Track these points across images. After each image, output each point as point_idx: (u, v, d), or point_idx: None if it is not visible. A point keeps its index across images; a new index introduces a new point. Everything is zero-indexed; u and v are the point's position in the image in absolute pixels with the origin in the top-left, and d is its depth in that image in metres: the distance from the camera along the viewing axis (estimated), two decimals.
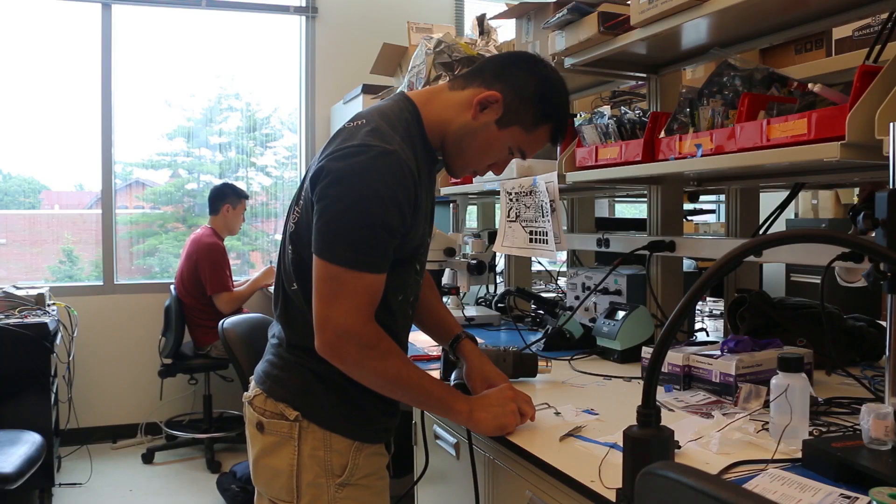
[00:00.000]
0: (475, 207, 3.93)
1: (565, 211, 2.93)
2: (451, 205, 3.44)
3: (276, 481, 1.34)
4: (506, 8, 2.43)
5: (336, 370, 1.28)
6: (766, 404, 1.31)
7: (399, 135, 1.28)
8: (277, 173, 5.20)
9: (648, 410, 0.93)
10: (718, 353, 1.59)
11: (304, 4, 4.90)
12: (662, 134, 1.67)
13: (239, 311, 4.18)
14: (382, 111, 1.33)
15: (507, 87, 1.34)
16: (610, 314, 2.04)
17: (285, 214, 1.45)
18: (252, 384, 1.43)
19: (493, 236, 2.54)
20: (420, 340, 2.34)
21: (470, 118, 1.35)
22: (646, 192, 2.24)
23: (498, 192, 2.39)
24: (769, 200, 2.38)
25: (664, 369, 1.62)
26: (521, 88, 1.35)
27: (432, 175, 1.46)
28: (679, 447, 1.20)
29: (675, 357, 1.61)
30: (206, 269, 4.08)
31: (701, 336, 2.24)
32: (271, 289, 4.24)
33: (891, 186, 1.08)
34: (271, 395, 1.35)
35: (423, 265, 1.47)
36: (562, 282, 3.21)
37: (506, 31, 3.14)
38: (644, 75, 2.17)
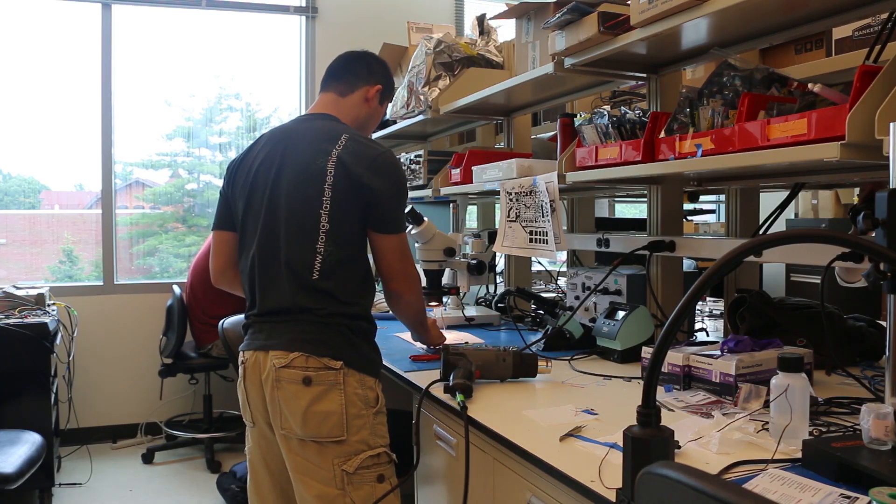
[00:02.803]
0: (475, 207, 3.93)
1: (565, 211, 2.93)
2: (451, 205, 3.44)
3: (327, 422, 1.61)
4: (506, 8, 2.43)
5: (364, 325, 1.71)
6: (766, 404, 1.32)
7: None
8: None
9: (648, 410, 0.93)
10: (718, 353, 1.59)
11: (304, 4, 4.90)
12: (662, 134, 1.67)
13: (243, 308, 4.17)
14: (343, 128, 1.75)
15: (379, 78, 1.90)
16: (610, 314, 2.04)
17: (261, 226, 1.74)
18: (273, 353, 1.65)
19: (493, 236, 2.54)
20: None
21: (368, 108, 1.89)
22: (646, 192, 2.24)
23: (498, 192, 2.39)
24: (769, 200, 2.38)
25: (664, 369, 1.62)
26: (384, 77, 1.92)
27: None
28: (679, 447, 1.21)
29: (675, 357, 1.61)
30: None
31: (701, 336, 2.24)
32: None
33: (891, 186, 1.08)
34: (314, 354, 1.62)
35: None
36: (562, 282, 3.21)
37: (506, 31, 3.14)
38: (644, 75, 2.17)
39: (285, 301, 1.67)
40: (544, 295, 2.83)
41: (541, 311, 2.60)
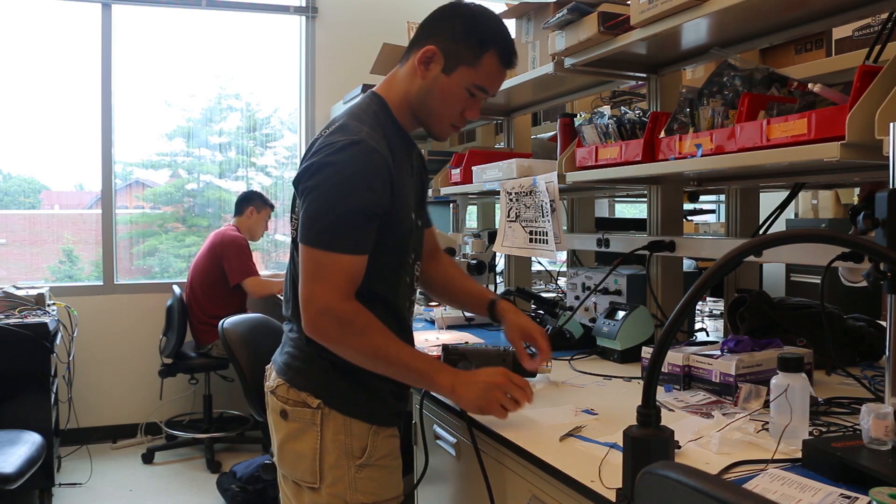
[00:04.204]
0: (475, 207, 3.93)
1: (565, 211, 2.93)
2: (451, 205, 3.44)
3: (300, 464, 1.42)
4: (506, 8, 2.43)
5: (346, 361, 1.38)
6: (766, 404, 1.32)
7: (367, 125, 1.38)
8: (277, 173, 5.20)
9: (648, 410, 0.93)
10: (718, 353, 1.59)
11: (304, 4, 4.90)
12: (662, 134, 1.67)
13: (243, 309, 4.18)
14: (351, 111, 1.44)
15: (437, 38, 1.42)
16: (610, 314, 2.04)
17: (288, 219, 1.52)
18: (273, 374, 1.51)
19: (493, 236, 2.54)
20: (419, 341, 2.34)
21: (420, 79, 1.43)
22: (646, 192, 2.24)
23: (498, 192, 2.39)
24: (769, 200, 2.38)
25: (664, 369, 1.62)
26: (449, 34, 1.41)
27: (413, 160, 1.52)
28: (679, 447, 1.20)
29: (675, 357, 1.61)
30: (231, 257, 4.10)
31: (701, 336, 2.24)
32: None
33: (891, 186, 1.08)
34: (293, 385, 1.43)
35: (419, 252, 1.56)
36: (562, 282, 3.21)
37: None
38: (644, 75, 2.17)
39: (289, 310, 1.50)
40: (544, 295, 2.83)
41: (541, 311, 2.60)
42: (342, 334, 1.33)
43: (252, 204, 4.35)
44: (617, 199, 4.14)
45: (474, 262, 2.57)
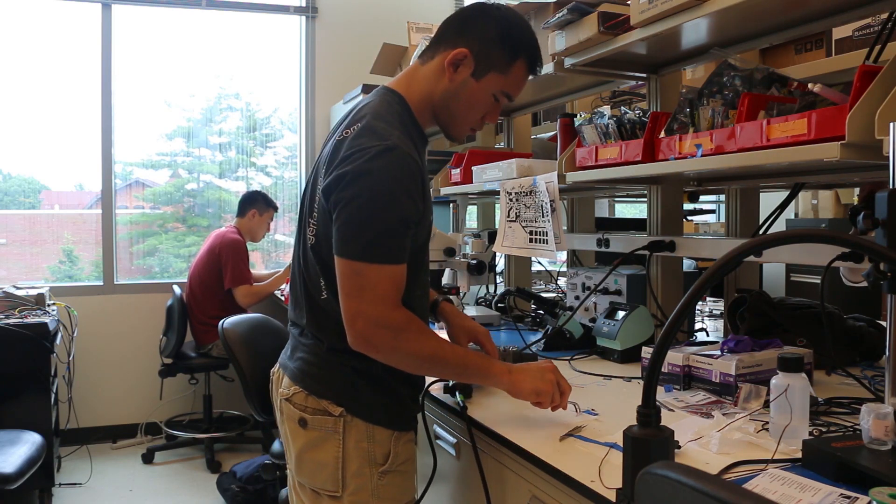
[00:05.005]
0: (475, 207, 3.93)
1: (565, 211, 2.93)
2: (451, 205, 3.44)
3: (321, 473, 1.40)
4: None
5: (378, 365, 1.35)
6: (766, 404, 1.32)
7: (396, 129, 1.34)
8: (277, 173, 5.20)
9: (648, 410, 0.93)
10: (718, 353, 1.59)
11: (304, 4, 4.90)
12: (662, 134, 1.67)
13: (243, 309, 4.19)
14: (374, 109, 1.38)
15: (470, 40, 1.39)
16: (610, 314, 2.04)
17: (297, 224, 1.51)
18: (285, 380, 1.47)
19: (493, 236, 2.54)
20: None
21: (447, 82, 1.41)
22: (646, 192, 2.24)
23: (498, 192, 2.39)
24: (769, 200, 2.38)
25: (664, 369, 1.62)
26: (483, 36, 1.39)
27: (426, 157, 1.52)
28: (679, 447, 1.20)
29: (675, 357, 1.61)
30: (228, 262, 4.11)
31: (701, 336, 2.24)
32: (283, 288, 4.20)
33: (891, 186, 1.08)
34: (313, 393, 1.40)
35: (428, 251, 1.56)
36: (562, 282, 3.21)
37: None
38: (644, 75, 2.17)
39: (302, 317, 1.46)
40: (544, 295, 2.83)
41: (541, 311, 2.60)
42: (398, 342, 1.31)
43: (255, 206, 4.34)
44: (617, 199, 4.14)
45: (474, 262, 2.57)
